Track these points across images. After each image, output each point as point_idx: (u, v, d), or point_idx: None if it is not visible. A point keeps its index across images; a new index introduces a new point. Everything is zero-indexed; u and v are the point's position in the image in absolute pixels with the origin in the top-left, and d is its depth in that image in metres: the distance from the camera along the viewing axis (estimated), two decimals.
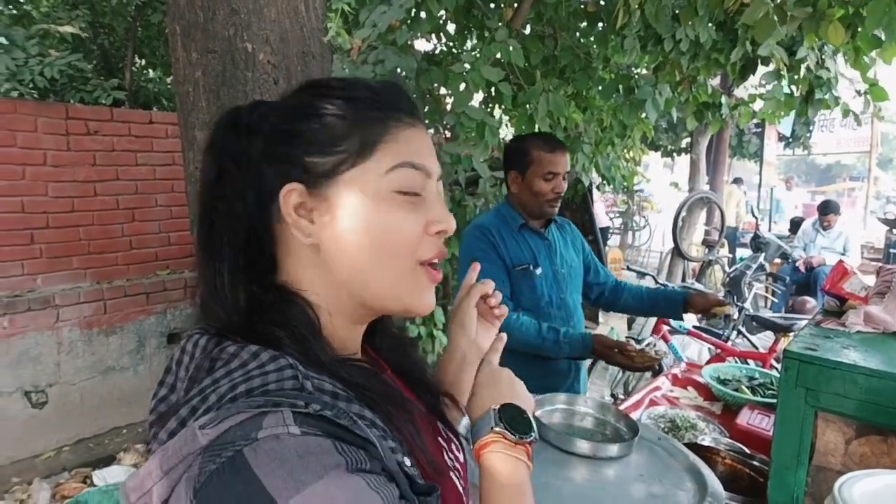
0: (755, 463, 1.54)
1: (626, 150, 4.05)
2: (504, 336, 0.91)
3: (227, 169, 0.62)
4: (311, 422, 0.50)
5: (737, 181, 9.78)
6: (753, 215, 7.09)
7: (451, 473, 0.70)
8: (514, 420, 0.69)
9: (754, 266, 5.23)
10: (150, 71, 5.81)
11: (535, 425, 0.71)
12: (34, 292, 3.64)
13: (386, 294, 0.63)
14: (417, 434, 0.61)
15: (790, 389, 1.23)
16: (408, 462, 0.57)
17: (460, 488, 0.70)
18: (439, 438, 0.74)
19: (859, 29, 2.53)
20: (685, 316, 4.34)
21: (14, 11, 4.70)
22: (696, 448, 1.54)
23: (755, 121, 3.82)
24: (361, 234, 0.60)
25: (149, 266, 4.26)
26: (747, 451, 1.62)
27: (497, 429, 0.68)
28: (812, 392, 1.20)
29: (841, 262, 1.64)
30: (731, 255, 8.31)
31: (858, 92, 3.06)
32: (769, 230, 8.23)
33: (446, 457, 0.72)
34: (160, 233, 4.30)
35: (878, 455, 1.16)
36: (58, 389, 3.68)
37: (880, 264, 1.62)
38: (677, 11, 2.69)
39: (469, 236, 2.10)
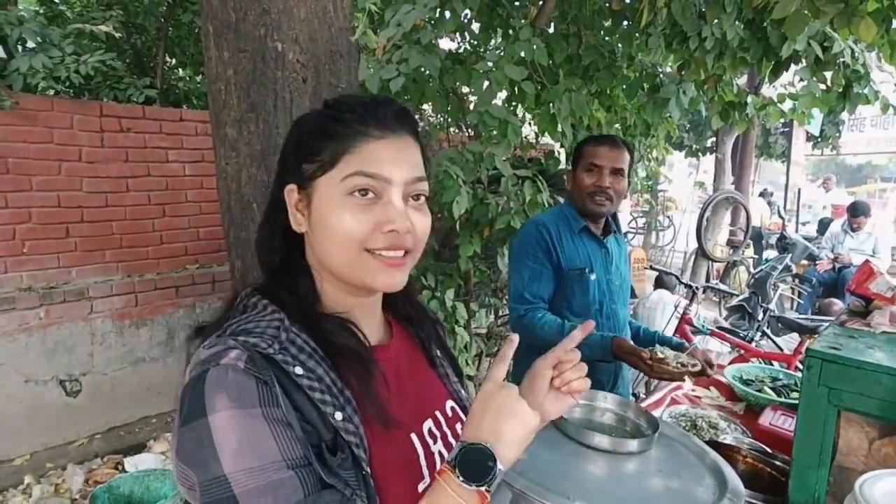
0: (777, 462, 1.53)
1: (649, 150, 4.02)
2: (515, 339, 0.87)
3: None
4: (261, 362, 0.68)
5: (763, 194, 9.55)
6: (780, 216, 6.96)
7: (429, 439, 0.84)
8: (473, 463, 0.69)
9: (780, 267, 5.16)
10: (181, 70, 5.94)
11: (495, 474, 0.69)
12: (69, 284, 3.76)
13: (344, 272, 0.78)
14: (368, 387, 0.75)
15: (813, 388, 1.23)
16: (339, 416, 0.70)
17: (435, 453, 0.84)
18: (444, 406, 0.91)
19: (894, 23, 2.48)
20: (707, 314, 4.30)
21: (49, 12, 4.85)
22: (716, 446, 1.54)
23: (782, 120, 3.75)
24: (323, 226, 0.76)
25: (178, 260, 4.36)
26: (769, 450, 1.62)
27: (449, 466, 0.69)
28: (835, 391, 1.20)
29: (867, 262, 1.63)
30: (756, 256, 8.19)
31: None
32: (796, 231, 8.09)
33: (435, 425, 0.87)
34: (189, 228, 4.40)
35: None
36: (91, 379, 3.79)
37: None
38: (703, 9, 2.67)
39: (526, 232, 2.10)
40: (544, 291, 2.03)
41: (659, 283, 4.70)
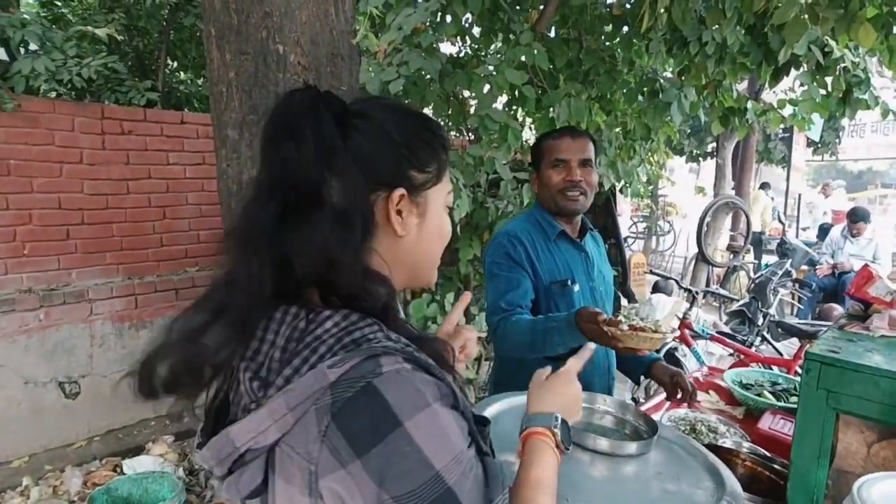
0: (775, 466, 1.53)
1: (650, 154, 4.03)
2: (590, 346, 1.19)
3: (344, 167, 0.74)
4: (415, 365, 0.67)
5: (763, 186, 9.58)
6: (780, 221, 6.97)
7: None
8: (566, 432, 0.92)
9: (780, 272, 5.16)
10: (182, 73, 5.96)
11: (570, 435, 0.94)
12: (69, 286, 3.76)
13: (429, 269, 0.89)
14: (455, 370, 0.78)
15: (811, 391, 1.23)
16: (469, 403, 0.75)
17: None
18: None
19: (895, 29, 2.49)
20: (708, 318, 4.30)
21: (51, 15, 4.87)
22: (715, 449, 1.54)
23: (782, 126, 3.75)
24: (435, 232, 0.86)
25: (179, 263, 4.37)
26: (768, 454, 1.62)
27: (556, 430, 0.89)
28: (833, 394, 1.20)
29: (866, 266, 1.63)
30: (756, 262, 8.19)
31: None
32: (797, 236, 8.09)
33: None
34: (190, 230, 4.41)
35: None
36: (90, 381, 3.79)
37: None
38: (704, 14, 2.68)
39: (496, 244, 1.90)
40: (522, 300, 1.79)
41: (656, 288, 4.70)
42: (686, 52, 2.83)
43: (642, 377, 2.09)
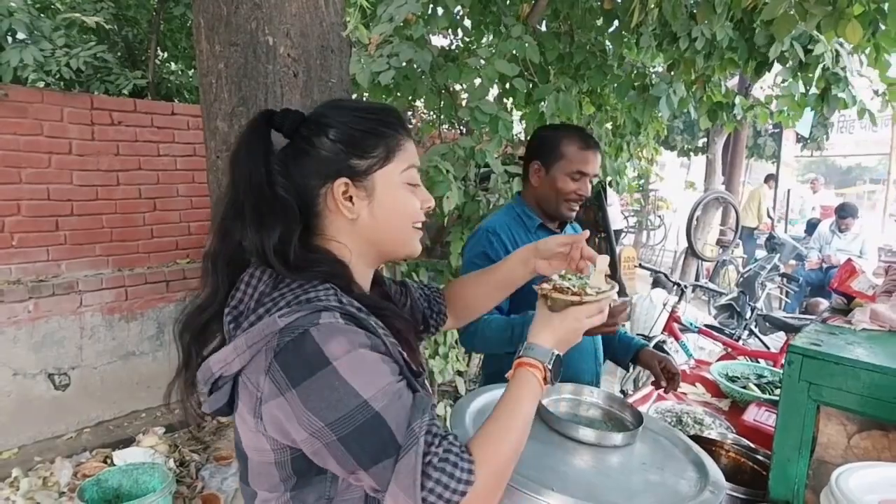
0: (759, 457, 1.56)
1: (639, 149, 4.05)
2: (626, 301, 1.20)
3: (289, 163, 0.93)
4: (350, 320, 0.82)
5: (769, 179, 9.41)
6: (769, 216, 7.03)
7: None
8: (557, 367, 0.99)
9: (768, 267, 5.21)
10: (173, 64, 5.91)
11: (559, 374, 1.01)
12: (58, 278, 3.74)
13: (398, 247, 0.99)
14: (410, 341, 0.95)
15: (793, 383, 1.25)
16: (405, 354, 0.88)
17: (428, 386, 1.00)
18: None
19: (882, 27, 2.51)
20: (696, 314, 4.35)
21: (39, 3, 4.81)
22: (700, 441, 1.56)
23: (771, 122, 3.78)
24: (389, 210, 0.95)
25: (169, 255, 4.35)
26: (752, 445, 1.64)
27: (548, 366, 0.96)
28: (815, 386, 1.23)
29: (849, 260, 1.66)
30: (745, 256, 8.26)
31: (876, 92, 3.03)
32: (785, 231, 8.16)
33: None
34: (180, 222, 4.39)
35: (880, 450, 1.19)
36: (80, 373, 3.78)
37: (888, 263, 1.63)
38: (694, 10, 2.69)
39: (475, 241, 1.89)
40: (504, 303, 1.76)
41: (657, 283, 4.73)
42: (676, 48, 2.84)
43: (630, 365, 2.10)
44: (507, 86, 2.85)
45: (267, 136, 0.92)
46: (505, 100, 3.22)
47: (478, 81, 2.56)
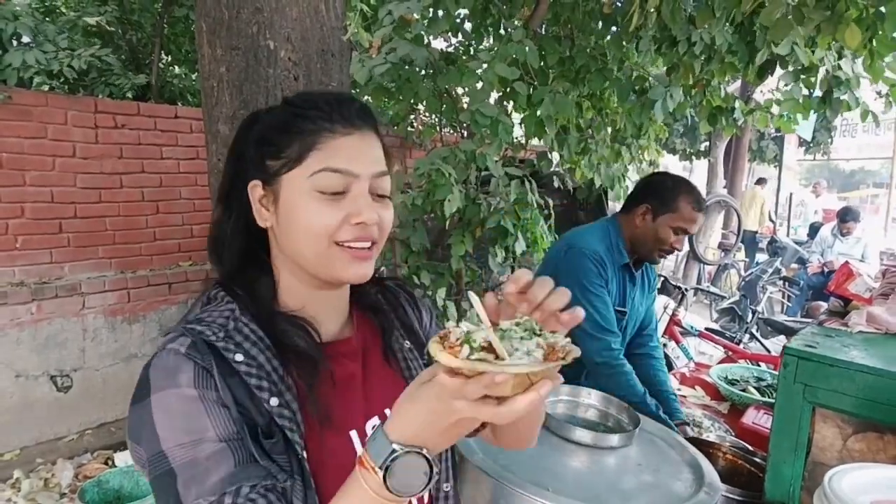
0: (756, 459, 1.57)
1: (641, 152, 4.05)
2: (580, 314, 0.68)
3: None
4: (203, 348, 0.72)
5: (760, 182, 9.53)
6: (771, 220, 7.01)
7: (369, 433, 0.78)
8: (405, 473, 0.62)
9: (770, 270, 5.20)
10: (176, 67, 5.94)
11: (429, 483, 0.63)
12: (61, 280, 3.76)
13: (314, 266, 0.79)
14: (311, 385, 0.77)
15: (789, 385, 1.26)
16: (274, 402, 0.72)
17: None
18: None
19: (879, 32, 2.51)
20: (696, 319, 4.34)
21: (43, 7, 4.85)
22: (697, 443, 1.57)
23: (772, 127, 3.79)
24: (293, 222, 0.78)
25: (172, 257, 4.37)
26: (750, 448, 1.65)
27: (380, 467, 0.62)
28: (810, 388, 1.23)
29: (847, 263, 1.66)
30: (747, 259, 8.24)
31: (879, 93, 3.02)
32: (787, 235, 8.14)
33: (372, 424, 0.83)
34: (183, 225, 4.40)
35: (875, 451, 1.19)
36: (82, 374, 3.79)
37: (886, 266, 1.63)
38: (693, 14, 2.70)
39: (584, 261, 1.88)
40: (614, 323, 1.89)
41: (663, 289, 4.70)
42: (675, 52, 2.85)
43: None
44: (508, 89, 2.86)
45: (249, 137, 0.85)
46: (506, 103, 3.24)
47: (479, 85, 2.57)
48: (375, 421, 0.84)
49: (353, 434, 0.81)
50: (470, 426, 0.64)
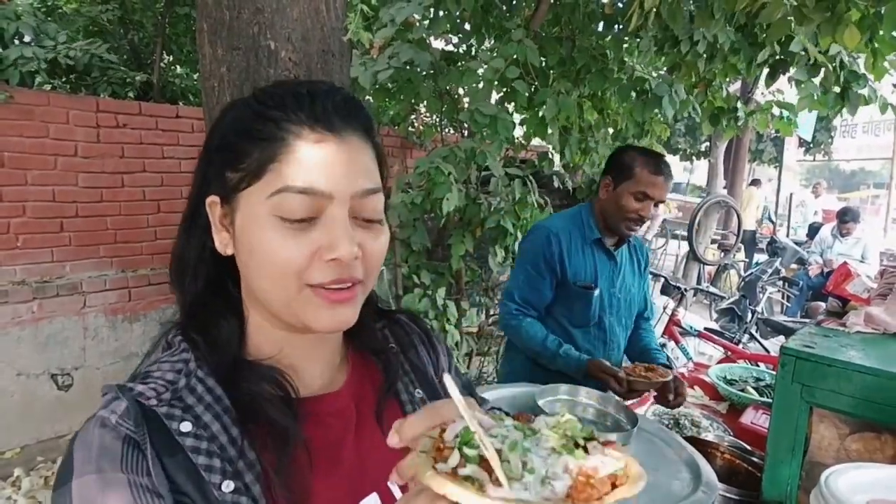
0: (754, 459, 1.57)
1: None
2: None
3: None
4: (138, 417, 0.56)
5: (755, 183, 9.61)
6: (771, 221, 7.02)
7: None
8: None
9: (770, 271, 5.21)
10: (178, 67, 5.96)
11: None
12: (62, 279, 3.77)
13: (279, 311, 0.62)
14: (281, 461, 0.59)
15: (787, 385, 1.26)
16: (228, 486, 0.56)
17: None
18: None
19: (880, 32, 2.51)
20: (694, 318, 4.35)
21: (44, 7, 4.86)
22: (696, 442, 1.57)
23: (773, 128, 3.79)
24: (248, 254, 0.61)
25: None
26: (748, 447, 1.65)
27: None
28: (808, 388, 1.24)
29: (845, 264, 1.67)
30: (747, 260, 8.25)
31: (895, 86, 2.99)
32: (787, 235, 8.16)
33: (384, 501, 0.67)
34: None
35: (872, 451, 1.20)
36: (83, 373, 3.81)
37: (884, 267, 1.64)
38: (693, 14, 2.70)
39: (535, 238, 2.02)
40: (536, 300, 2.01)
41: (664, 290, 4.72)
42: (677, 51, 2.85)
43: None
44: (508, 90, 2.87)
45: None
46: (507, 104, 3.25)
47: (479, 85, 2.58)
48: (372, 500, 0.67)
49: None
50: None
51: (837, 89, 3.03)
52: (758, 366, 3.06)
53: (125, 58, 4.98)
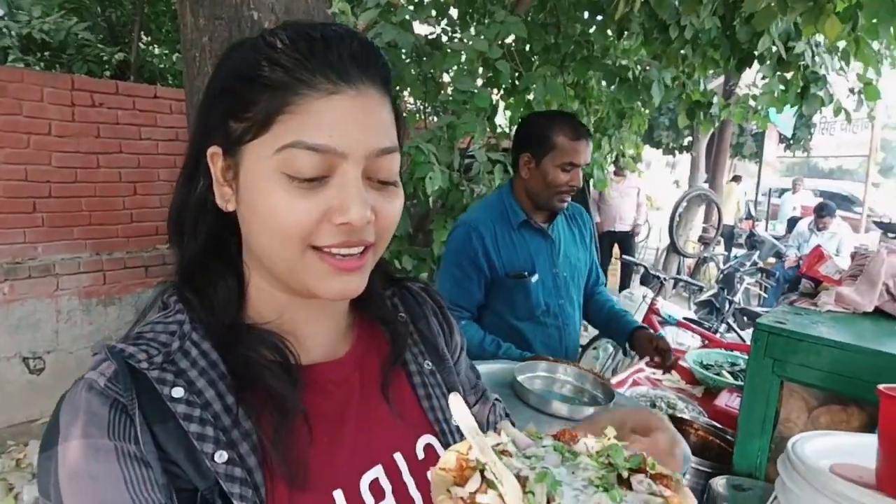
0: (727, 436, 1.60)
1: (620, 144, 4.08)
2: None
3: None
4: (127, 380, 0.53)
5: (735, 178, 9.76)
6: (750, 216, 7.13)
7: (369, 496, 0.62)
8: None
9: (748, 263, 5.29)
10: (156, 47, 5.85)
11: None
12: (35, 260, 3.70)
13: (283, 274, 0.59)
14: (279, 432, 0.56)
15: (759, 360, 1.28)
16: (221, 457, 0.53)
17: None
18: (411, 446, 0.67)
19: (861, 21, 2.55)
20: (673, 307, 4.40)
21: None
22: (671, 420, 1.59)
23: (755, 123, 3.85)
24: (252, 212, 0.57)
25: (149, 240, 4.31)
26: (720, 426, 1.68)
27: None
28: (779, 362, 1.26)
29: (818, 247, 1.70)
30: (726, 253, 8.37)
31: (852, 90, 3.09)
32: (766, 230, 8.30)
33: (388, 474, 0.64)
34: (161, 207, 4.34)
35: (838, 423, 1.22)
36: (55, 357, 3.74)
37: (856, 249, 1.67)
38: (679, 3, 2.72)
39: (456, 236, 1.88)
40: (466, 301, 1.86)
41: (644, 280, 4.78)
42: (661, 40, 2.87)
43: (627, 346, 2.13)
44: (492, 72, 2.86)
45: None
46: (490, 88, 3.25)
47: (460, 65, 2.56)
48: (375, 472, 0.64)
49: (339, 495, 0.59)
50: None
51: (798, 89, 3.10)
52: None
53: (101, 36, 4.87)
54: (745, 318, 4.31)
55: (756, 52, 2.90)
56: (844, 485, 0.80)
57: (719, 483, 1.22)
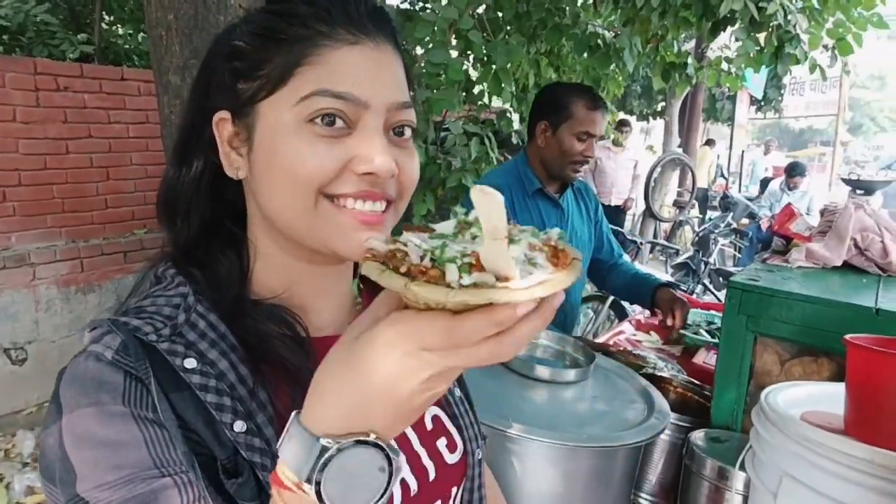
0: (705, 392, 1.66)
1: None
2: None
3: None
4: (137, 352, 0.51)
5: (709, 143, 9.88)
6: (723, 177, 7.24)
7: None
8: (349, 480, 0.42)
9: (722, 225, 5.39)
10: (119, 28, 5.67)
11: (389, 486, 0.43)
12: (8, 250, 3.62)
13: (299, 231, 0.57)
14: (297, 404, 0.48)
15: (733, 316, 1.33)
16: (239, 426, 0.51)
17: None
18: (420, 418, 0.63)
19: None
20: (651, 271, 4.49)
21: None
22: (651, 378, 1.65)
23: (727, 86, 3.89)
24: (267, 169, 0.56)
25: (126, 225, 4.25)
26: (698, 383, 1.75)
27: (303, 486, 0.41)
28: (752, 318, 1.31)
29: (789, 205, 1.75)
30: (701, 216, 8.51)
31: (825, 47, 3.12)
32: (739, 192, 8.44)
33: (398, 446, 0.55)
34: (136, 192, 4.27)
35: (809, 374, 1.28)
36: (37, 347, 3.70)
37: (825, 206, 1.72)
38: None
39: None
40: None
41: (621, 245, 4.83)
42: (632, 5, 2.87)
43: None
44: (464, 42, 2.84)
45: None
46: (464, 59, 3.22)
47: (432, 33, 2.53)
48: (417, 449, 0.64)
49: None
50: (443, 387, 0.42)
51: (772, 49, 3.12)
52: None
53: (62, 17, 4.70)
54: (721, 279, 4.42)
55: (723, 13, 2.92)
56: (813, 430, 0.85)
57: (698, 436, 1.27)
